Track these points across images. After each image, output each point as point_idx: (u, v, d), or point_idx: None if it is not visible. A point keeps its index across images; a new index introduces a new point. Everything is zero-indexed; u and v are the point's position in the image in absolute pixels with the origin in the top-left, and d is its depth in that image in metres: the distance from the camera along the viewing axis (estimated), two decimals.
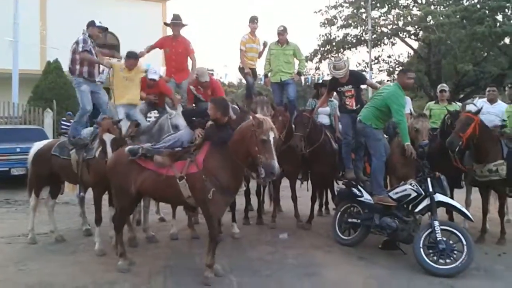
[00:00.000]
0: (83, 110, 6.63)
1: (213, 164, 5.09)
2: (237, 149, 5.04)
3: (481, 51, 24.03)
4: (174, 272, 5.51)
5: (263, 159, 4.79)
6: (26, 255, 6.26)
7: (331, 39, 27.11)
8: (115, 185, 5.70)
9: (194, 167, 5.12)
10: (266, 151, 4.81)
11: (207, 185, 4.99)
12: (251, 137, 4.90)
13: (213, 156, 5.14)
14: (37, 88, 17.43)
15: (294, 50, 8.64)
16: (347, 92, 7.19)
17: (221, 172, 5.06)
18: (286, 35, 8.61)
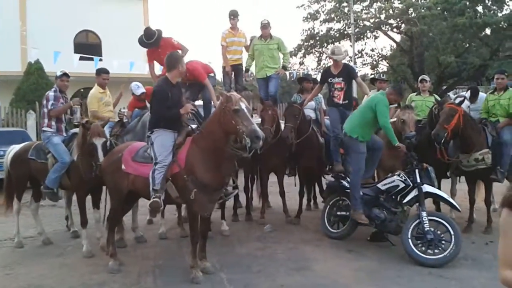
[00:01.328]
0: (63, 163, 6.26)
1: (194, 161, 5.01)
2: (216, 134, 4.96)
3: (463, 43, 24.26)
4: (164, 272, 5.48)
5: (243, 128, 4.73)
6: (13, 259, 6.19)
7: (314, 33, 27.15)
8: (109, 185, 5.74)
9: (176, 167, 5.08)
10: (243, 120, 4.77)
11: (188, 185, 4.95)
12: (225, 114, 4.86)
13: (194, 152, 5.05)
14: (18, 89, 17.20)
15: (278, 44, 8.57)
16: (337, 84, 7.18)
17: (203, 169, 4.97)
18: (269, 29, 8.51)
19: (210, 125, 5.10)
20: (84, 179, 6.13)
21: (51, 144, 6.42)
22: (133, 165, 5.37)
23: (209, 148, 4.99)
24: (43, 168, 6.46)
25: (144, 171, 5.22)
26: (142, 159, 5.34)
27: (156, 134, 5.24)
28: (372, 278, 5.15)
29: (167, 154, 5.11)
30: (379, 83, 8.44)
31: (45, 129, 6.61)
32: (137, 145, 5.65)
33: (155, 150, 5.14)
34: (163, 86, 5.32)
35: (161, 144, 5.16)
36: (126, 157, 5.45)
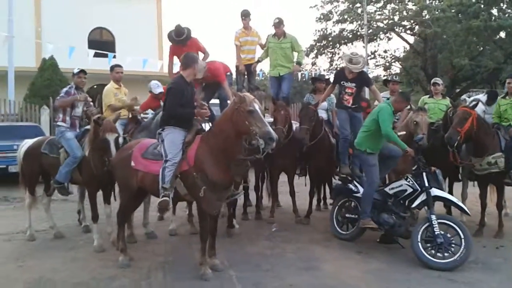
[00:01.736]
0: (75, 158, 6.32)
1: (204, 159, 5.00)
2: (227, 133, 4.94)
3: (477, 45, 24.09)
4: (173, 268, 5.52)
5: (257, 130, 4.72)
6: (25, 251, 6.26)
7: (327, 34, 27.15)
8: (119, 181, 5.80)
9: (185, 164, 5.07)
10: (256, 121, 4.75)
11: (197, 182, 4.95)
12: (238, 114, 4.83)
13: (204, 151, 5.04)
14: (33, 85, 17.36)
15: (291, 43, 8.55)
16: (348, 89, 7.15)
17: (212, 167, 4.97)
18: (282, 27, 8.44)
19: (221, 124, 5.10)
20: (95, 174, 6.19)
21: (64, 139, 6.49)
22: (142, 162, 5.38)
23: (219, 146, 4.99)
24: (55, 162, 6.52)
25: (154, 168, 5.23)
26: (152, 156, 5.35)
27: (167, 132, 5.26)
28: (381, 280, 5.14)
29: (177, 152, 5.11)
30: (392, 84, 8.41)
31: (59, 123, 6.69)
32: (147, 142, 5.66)
33: (165, 147, 5.15)
34: (179, 84, 5.36)
35: (172, 142, 5.17)
36: (136, 154, 5.46)
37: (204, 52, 8.00)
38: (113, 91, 7.60)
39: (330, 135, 7.74)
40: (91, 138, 6.20)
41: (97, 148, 6.10)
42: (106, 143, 5.93)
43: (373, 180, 6.28)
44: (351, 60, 7.04)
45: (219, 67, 7.44)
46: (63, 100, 6.74)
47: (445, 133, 6.64)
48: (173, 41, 7.92)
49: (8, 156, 11.31)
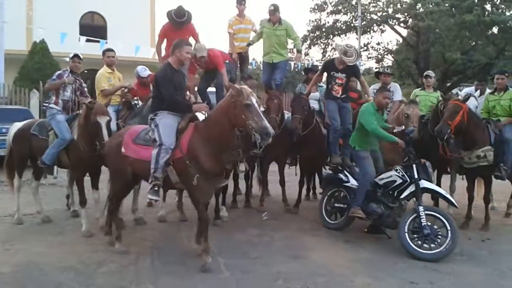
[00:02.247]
0: (63, 140, 6.29)
1: (197, 147, 4.94)
2: (222, 125, 4.88)
3: (469, 40, 24.14)
4: (162, 254, 5.53)
5: (253, 124, 4.66)
6: (12, 235, 6.24)
7: (320, 25, 27.06)
8: (110, 169, 5.77)
9: (179, 152, 5.01)
10: (253, 115, 4.69)
11: (190, 170, 4.90)
12: (235, 107, 4.77)
13: (198, 139, 4.98)
14: (23, 68, 17.20)
15: (286, 30, 8.49)
16: (338, 79, 7.17)
17: (205, 156, 4.90)
18: (278, 15, 8.38)
19: (216, 115, 5.02)
20: (83, 158, 6.18)
21: (54, 121, 6.47)
22: (133, 148, 5.32)
23: (213, 137, 4.92)
24: (44, 144, 6.49)
25: (145, 154, 5.16)
26: (143, 141, 5.29)
27: (160, 116, 5.20)
28: (368, 269, 5.19)
29: (171, 137, 5.06)
30: (383, 76, 8.42)
31: (51, 105, 6.67)
32: (138, 128, 5.61)
33: (160, 132, 5.07)
34: (165, 70, 5.32)
35: (166, 126, 5.11)
36: (127, 140, 5.40)
37: (196, 40, 7.94)
38: (106, 75, 7.54)
39: (321, 125, 7.74)
40: (82, 122, 6.17)
41: (88, 132, 6.07)
42: (97, 126, 5.91)
43: (366, 171, 6.31)
44: (346, 52, 7.02)
45: (218, 55, 7.45)
46: (52, 83, 6.74)
47: (434, 126, 6.68)
48: (172, 21, 7.79)
49: None
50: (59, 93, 6.68)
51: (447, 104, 6.76)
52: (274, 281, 4.81)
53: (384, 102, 6.49)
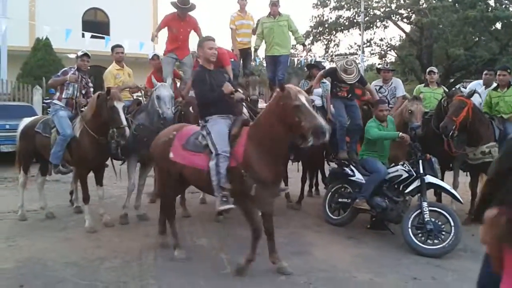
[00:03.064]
0: (64, 136, 6.27)
1: (253, 155, 4.62)
2: (274, 129, 4.54)
3: (473, 36, 24.10)
4: (165, 250, 5.52)
5: (308, 125, 4.28)
6: (16, 231, 6.26)
7: (323, 20, 27.04)
8: (159, 168, 5.64)
9: (233, 161, 4.71)
10: (305, 115, 4.32)
11: (247, 180, 4.58)
12: (285, 111, 4.42)
13: (252, 146, 4.67)
14: (26, 65, 17.25)
15: (287, 21, 8.55)
16: (343, 87, 7.13)
17: (261, 164, 4.59)
18: (278, 7, 8.54)
19: (266, 119, 4.68)
20: (85, 156, 6.20)
21: (57, 117, 6.47)
22: (182, 154, 5.08)
23: (266, 142, 4.60)
24: (46, 142, 6.51)
25: (195, 161, 4.97)
26: (193, 147, 5.04)
27: (211, 123, 4.99)
28: (370, 265, 5.19)
29: (226, 143, 4.80)
30: (383, 72, 8.40)
31: (55, 101, 6.69)
32: (187, 131, 5.30)
33: (213, 140, 4.83)
34: (198, 72, 5.23)
35: (219, 133, 4.87)
36: (176, 144, 5.16)
37: (199, 34, 7.97)
38: (114, 73, 7.56)
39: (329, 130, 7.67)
40: (93, 112, 6.14)
41: (101, 121, 6.06)
42: (115, 110, 5.89)
43: (379, 168, 6.31)
44: (346, 70, 6.86)
45: (224, 52, 7.49)
46: (54, 79, 6.75)
47: (438, 122, 6.65)
48: (176, 8, 7.84)
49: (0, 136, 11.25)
50: (63, 90, 6.68)
51: (451, 100, 6.74)
52: (277, 277, 4.81)
53: (381, 114, 6.51)
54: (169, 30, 7.99)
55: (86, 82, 6.92)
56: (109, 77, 7.54)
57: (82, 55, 6.83)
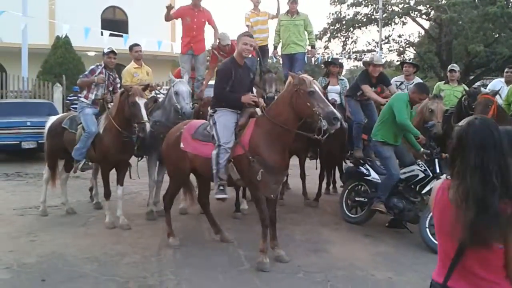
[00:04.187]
0: (88, 133, 6.38)
1: (260, 143, 4.88)
2: (285, 116, 4.81)
3: (493, 32, 23.70)
4: (184, 245, 5.59)
5: (320, 110, 4.53)
6: (37, 226, 6.37)
7: (341, 17, 26.86)
8: (169, 168, 5.80)
9: (240, 149, 4.95)
10: (318, 101, 4.59)
11: (254, 166, 4.81)
12: (298, 96, 4.67)
13: (259, 134, 4.93)
14: (46, 63, 17.49)
15: (304, 21, 8.60)
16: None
17: (268, 150, 4.86)
18: (297, 5, 8.58)
19: (278, 107, 4.96)
20: (109, 152, 6.28)
21: (83, 114, 6.59)
22: (192, 144, 5.30)
23: (276, 130, 4.87)
24: (72, 138, 6.61)
25: (204, 150, 5.18)
26: (202, 137, 5.27)
27: (219, 114, 5.18)
28: (388, 263, 5.18)
29: (230, 136, 5.02)
30: (406, 66, 8.32)
31: (82, 99, 6.81)
32: (196, 123, 5.60)
33: (217, 131, 5.05)
34: (227, 65, 5.32)
35: (224, 125, 5.07)
36: (186, 135, 5.38)
37: (214, 27, 8.22)
38: (132, 71, 7.66)
39: (342, 118, 7.68)
40: (117, 108, 6.23)
41: (124, 117, 6.15)
42: (136, 106, 5.97)
43: (391, 172, 6.16)
44: (373, 58, 7.27)
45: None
46: (82, 80, 6.83)
47: (458, 121, 6.57)
48: None
49: (21, 132, 11.47)
50: (91, 88, 6.77)
51: (472, 99, 6.66)
52: (295, 274, 4.83)
53: (417, 100, 6.29)
54: (184, 21, 8.10)
55: (114, 78, 7.01)
56: (126, 75, 7.65)
57: (109, 52, 6.90)
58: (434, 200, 2.12)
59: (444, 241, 2.08)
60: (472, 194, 1.91)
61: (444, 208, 2.04)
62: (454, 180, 2.01)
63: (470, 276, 1.99)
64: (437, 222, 2.13)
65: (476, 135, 1.98)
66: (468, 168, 1.95)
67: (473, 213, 1.89)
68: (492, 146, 1.95)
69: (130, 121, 6.12)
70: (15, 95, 15.66)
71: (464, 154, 1.98)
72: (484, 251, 1.91)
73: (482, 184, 1.90)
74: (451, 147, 2.08)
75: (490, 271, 1.97)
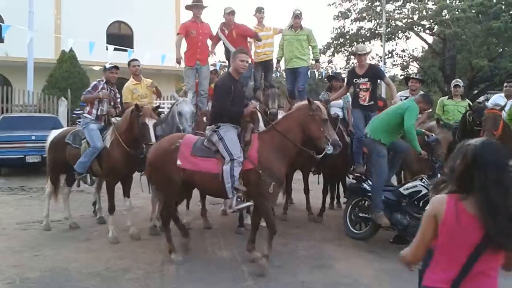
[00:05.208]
0: (94, 148, 6.42)
1: (269, 157, 5.20)
2: (294, 134, 5.26)
3: (497, 47, 23.76)
4: (186, 261, 5.56)
5: (329, 136, 5.19)
6: (41, 241, 6.37)
7: (344, 32, 26.97)
8: (158, 180, 5.72)
9: (249, 164, 5.16)
10: (329, 129, 5.26)
11: (266, 180, 5.10)
12: (313, 120, 5.22)
13: (265, 148, 5.25)
14: (51, 77, 17.60)
15: (308, 35, 8.64)
16: (362, 85, 7.18)
17: (276, 163, 5.21)
18: (301, 20, 8.64)
19: (287, 124, 5.36)
20: (115, 166, 6.30)
21: (87, 130, 6.61)
22: (192, 160, 5.33)
23: (282, 145, 5.27)
24: (77, 153, 6.62)
25: (206, 166, 5.27)
26: (202, 153, 5.35)
27: (224, 129, 5.32)
28: (393, 280, 5.13)
29: (239, 150, 5.20)
30: (412, 82, 8.31)
31: (85, 115, 6.83)
32: (190, 138, 5.60)
33: (228, 146, 5.19)
34: (226, 80, 5.51)
35: (232, 140, 5.25)
36: (183, 151, 5.37)
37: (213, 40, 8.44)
38: (131, 88, 7.71)
39: (344, 133, 7.70)
40: (126, 126, 6.26)
41: (132, 135, 6.18)
42: (145, 127, 6.01)
43: (382, 170, 6.26)
44: (358, 47, 7.50)
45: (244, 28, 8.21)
46: (87, 96, 6.87)
47: (463, 136, 6.57)
48: (190, 8, 8.29)
49: (25, 146, 11.52)
50: (94, 104, 6.80)
51: (477, 114, 6.65)
52: None
53: (422, 111, 6.52)
54: (189, 34, 8.13)
55: (115, 93, 7.07)
56: (126, 92, 7.70)
57: (112, 68, 6.97)
58: (445, 212, 2.24)
59: (455, 249, 2.22)
60: (496, 205, 2.14)
61: (459, 218, 2.19)
62: (472, 193, 2.21)
63: (479, 276, 2.20)
64: (447, 232, 2.24)
65: (492, 154, 2.23)
66: (487, 183, 2.17)
67: (500, 221, 2.13)
68: (505, 164, 2.25)
69: (138, 140, 6.14)
70: (20, 109, 15.73)
71: (481, 171, 2.19)
72: (498, 253, 2.19)
73: (504, 196, 2.16)
74: (463, 163, 2.26)
75: (493, 268, 2.24)
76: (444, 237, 2.27)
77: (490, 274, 2.24)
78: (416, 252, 2.43)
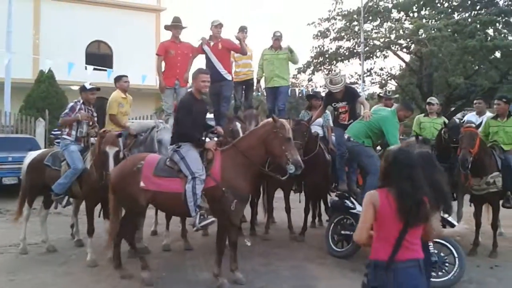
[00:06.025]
0: (75, 170, 6.31)
1: (232, 175, 5.20)
2: (257, 152, 5.27)
3: (472, 65, 24.24)
4: (167, 283, 5.49)
5: (289, 156, 5.11)
6: (17, 265, 6.22)
7: (324, 51, 27.28)
8: (121, 201, 5.63)
9: (211, 181, 5.17)
10: (291, 148, 5.18)
11: (228, 197, 5.09)
12: (276, 138, 5.18)
13: (229, 166, 5.25)
14: (29, 97, 17.34)
15: (287, 53, 8.72)
16: (341, 108, 7.29)
17: (239, 180, 5.20)
18: (281, 42, 8.72)
19: (249, 142, 5.35)
20: (95, 188, 6.17)
21: (67, 151, 6.50)
22: (155, 181, 5.30)
23: (244, 162, 5.26)
24: (56, 175, 6.50)
25: (170, 185, 5.26)
26: (165, 173, 5.33)
27: (185, 148, 5.34)
28: None
29: (201, 168, 5.21)
30: (385, 100, 8.50)
31: (64, 136, 6.72)
32: (152, 158, 5.56)
33: (189, 164, 5.21)
34: (187, 100, 5.60)
35: (194, 158, 5.27)
36: (146, 173, 5.34)
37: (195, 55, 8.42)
38: (119, 100, 7.51)
39: (325, 151, 7.74)
40: (94, 151, 6.22)
41: (98, 161, 6.10)
42: (105, 155, 5.92)
43: (376, 168, 6.20)
44: (331, 81, 7.33)
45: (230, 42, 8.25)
46: (65, 119, 6.76)
47: (438, 153, 6.66)
48: (169, 28, 8.28)
49: (2, 168, 11.28)
50: (73, 125, 6.71)
51: (452, 131, 6.76)
52: None
53: (403, 118, 6.69)
54: (168, 54, 8.08)
55: (92, 113, 6.96)
56: (114, 105, 7.47)
57: (93, 89, 6.89)
58: (380, 201, 3.00)
59: (389, 227, 2.98)
60: (406, 193, 2.95)
61: (390, 204, 2.97)
62: (392, 187, 3.02)
63: (408, 245, 2.98)
64: (384, 215, 2.99)
65: (405, 157, 3.07)
66: (400, 178, 3.00)
67: (410, 205, 2.94)
68: (415, 165, 3.05)
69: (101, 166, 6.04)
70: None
71: (396, 169, 3.03)
72: (419, 227, 3.03)
73: (411, 187, 2.96)
74: (386, 164, 3.13)
75: (417, 237, 3.05)
76: (382, 219, 3.00)
77: (417, 242, 3.04)
78: (361, 233, 3.07)
